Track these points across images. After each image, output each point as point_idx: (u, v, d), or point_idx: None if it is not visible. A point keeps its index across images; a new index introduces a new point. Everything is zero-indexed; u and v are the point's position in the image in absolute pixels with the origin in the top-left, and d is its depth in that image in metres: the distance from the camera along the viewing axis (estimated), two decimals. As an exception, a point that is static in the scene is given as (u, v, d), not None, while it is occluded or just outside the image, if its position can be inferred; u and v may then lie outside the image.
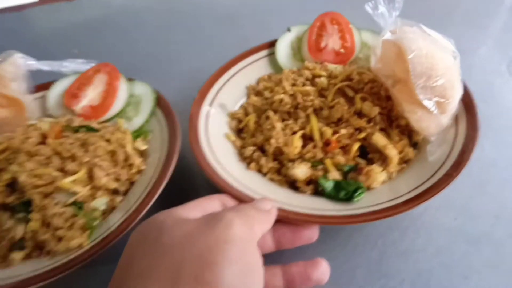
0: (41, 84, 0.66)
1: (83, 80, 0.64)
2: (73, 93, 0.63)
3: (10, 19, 1.02)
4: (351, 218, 0.44)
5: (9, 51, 0.60)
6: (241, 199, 0.46)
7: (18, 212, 0.50)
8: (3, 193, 0.51)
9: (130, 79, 0.65)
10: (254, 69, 0.68)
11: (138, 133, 0.60)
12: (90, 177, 0.52)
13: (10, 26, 0.99)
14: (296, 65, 0.67)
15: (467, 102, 0.52)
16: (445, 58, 0.48)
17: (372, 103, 0.53)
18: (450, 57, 0.49)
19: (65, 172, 0.51)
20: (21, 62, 0.60)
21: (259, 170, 0.54)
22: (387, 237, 0.50)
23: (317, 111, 0.54)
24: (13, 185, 0.51)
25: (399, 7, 0.60)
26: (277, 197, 0.48)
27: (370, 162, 0.52)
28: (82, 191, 0.50)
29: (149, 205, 0.47)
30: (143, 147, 0.57)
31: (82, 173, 0.51)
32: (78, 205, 0.50)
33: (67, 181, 0.50)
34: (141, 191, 0.51)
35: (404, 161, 0.52)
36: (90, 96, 0.63)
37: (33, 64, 0.62)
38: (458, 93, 0.49)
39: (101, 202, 0.51)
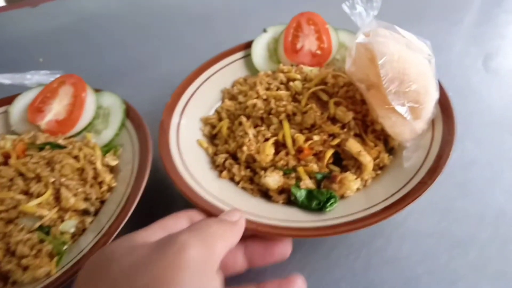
0: (2, 98, 0.63)
1: (47, 93, 0.61)
2: (37, 108, 0.60)
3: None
4: (323, 230, 0.43)
5: None
6: (211, 212, 0.44)
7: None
8: None
9: (97, 90, 0.62)
10: (230, 72, 0.66)
11: (108, 148, 0.57)
12: (57, 198, 0.49)
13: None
14: (272, 67, 0.65)
15: (444, 104, 0.51)
16: (419, 62, 0.47)
17: (347, 107, 0.51)
18: (424, 60, 0.47)
19: (29, 195, 0.49)
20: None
21: (232, 179, 0.52)
22: (371, 246, 0.49)
23: (290, 117, 0.53)
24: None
25: (377, 6, 0.59)
26: (248, 208, 0.46)
27: (345, 169, 0.50)
28: (49, 214, 0.48)
29: (122, 224, 0.45)
30: (113, 162, 0.55)
31: (47, 195, 0.48)
32: (45, 229, 0.47)
33: (31, 204, 0.47)
34: (113, 209, 0.48)
35: (380, 168, 0.51)
36: (56, 110, 0.60)
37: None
38: (432, 98, 0.48)
39: (70, 225, 0.49)
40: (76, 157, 0.53)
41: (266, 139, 0.52)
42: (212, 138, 0.59)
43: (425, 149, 0.49)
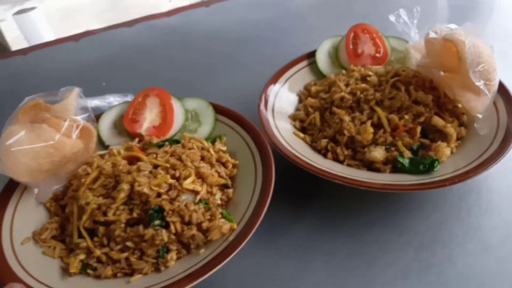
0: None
1: (136, 106, 0.67)
2: (132, 119, 0.66)
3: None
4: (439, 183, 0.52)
5: (70, 87, 0.61)
6: None
7: (152, 221, 0.51)
8: (125, 210, 0.52)
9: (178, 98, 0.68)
10: (299, 78, 0.75)
11: (212, 140, 0.63)
12: (200, 178, 0.55)
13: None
14: (336, 71, 0.75)
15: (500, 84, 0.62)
16: (485, 47, 0.58)
17: (424, 92, 0.62)
18: (488, 46, 0.59)
19: (176, 179, 0.54)
20: (80, 97, 0.62)
21: (335, 159, 0.60)
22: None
23: (378, 103, 0.62)
24: (126, 203, 0.53)
25: (417, 16, 0.72)
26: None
27: (431, 141, 0.60)
28: (202, 189, 0.54)
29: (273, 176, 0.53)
30: (223, 147, 0.61)
31: (193, 175, 0.54)
32: (203, 202, 0.53)
33: (188, 182, 0.53)
34: (250, 176, 0.56)
35: (458, 139, 0.61)
36: (149, 118, 0.66)
37: (88, 99, 0.63)
38: (497, 76, 0.59)
39: (218, 197, 0.55)
40: (191, 149, 0.59)
41: (362, 123, 0.61)
42: (302, 130, 0.67)
43: (493, 119, 0.59)
